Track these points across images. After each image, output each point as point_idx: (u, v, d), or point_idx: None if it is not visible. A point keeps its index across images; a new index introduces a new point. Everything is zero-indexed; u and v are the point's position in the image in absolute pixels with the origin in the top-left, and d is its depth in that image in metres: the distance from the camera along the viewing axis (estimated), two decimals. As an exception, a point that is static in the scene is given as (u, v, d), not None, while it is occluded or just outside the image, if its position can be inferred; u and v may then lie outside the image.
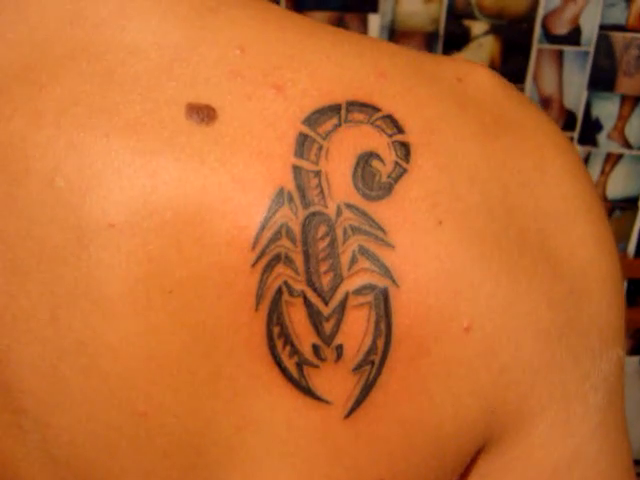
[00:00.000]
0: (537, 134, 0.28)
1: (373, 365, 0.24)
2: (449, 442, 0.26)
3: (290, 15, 0.28)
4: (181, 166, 0.24)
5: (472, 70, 0.28)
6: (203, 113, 0.24)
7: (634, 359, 1.51)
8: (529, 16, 1.19)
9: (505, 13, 1.19)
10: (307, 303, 0.24)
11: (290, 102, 0.25)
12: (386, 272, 0.24)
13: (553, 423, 0.27)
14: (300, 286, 0.24)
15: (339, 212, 0.24)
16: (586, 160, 1.29)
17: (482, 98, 0.27)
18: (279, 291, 0.24)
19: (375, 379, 0.25)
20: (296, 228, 0.24)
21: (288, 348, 0.24)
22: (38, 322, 0.25)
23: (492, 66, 1.22)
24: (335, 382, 0.25)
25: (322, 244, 0.24)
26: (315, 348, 0.24)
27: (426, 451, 0.26)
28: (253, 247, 0.24)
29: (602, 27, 1.21)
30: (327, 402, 0.25)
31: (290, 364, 0.24)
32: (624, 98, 1.25)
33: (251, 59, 0.25)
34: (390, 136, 0.25)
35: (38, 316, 0.25)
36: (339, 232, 0.24)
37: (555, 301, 0.26)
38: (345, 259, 0.24)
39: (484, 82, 0.28)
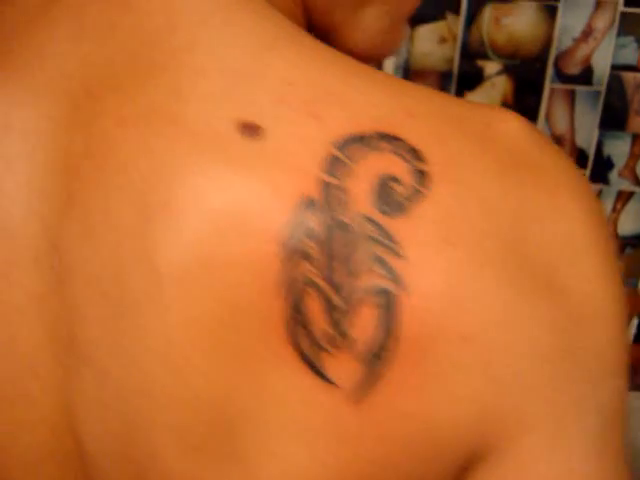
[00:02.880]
0: (557, 178, 0.30)
1: (380, 359, 0.27)
2: (445, 441, 0.28)
3: (334, 54, 0.32)
4: (230, 172, 0.28)
5: (503, 117, 0.31)
6: (252, 130, 0.29)
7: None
8: (541, 56, 1.21)
9: (518, 53, 1.21)
10: (325, 296, 0.28)
11: (325, 128, 0.29)
12: (396, 279, 0.27)
13: (546, 439, 0.28)
14: (320, 281, 0.28)
15: (358, 223, 0.28)
16: (598, 197, 1.30)
17: (506, 141, 0.30)
18: (301, 283, 0.28)
19: (381, 371, 0.28)
20: (320, 232, 0.28)
21: (306, 333, 0.28)
22: (105, 283, 0.30)
23: (505, 105, 1.23)
24: (345, 370, 0.28)
25: (342, 248, 0.27)
26: (328, 335, 0.28)
27: (423, 445, 0.28)
28: (282, 243, 0.28)
29: (613, 67, 1.22)
30: (337, 386, 0.28)
31: (305, 346, 0.28)
32: (635, 137, 1.26)
33: (296, 91, 0.29)
34: (412, 165, 0.28)
35: (105, 278, 0.30)
36: (357, 240, 0.27)
37: (556, 327, 0.28)
38: (361, 263, 0.27)
39: (512, 128, 0.30)
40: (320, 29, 0.41)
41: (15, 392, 0.32)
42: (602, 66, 1.21)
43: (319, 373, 0.28)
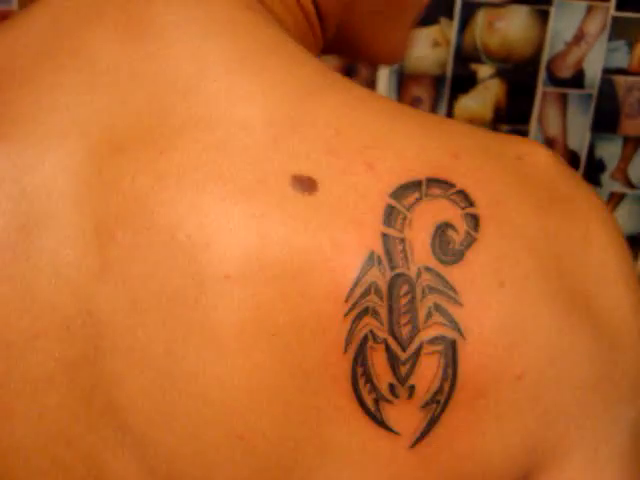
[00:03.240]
0: (585, 208, 0.31)
1: (439, 404, 0.28)
2: (495, 473, 0.30)
3: (377, 99, 0.32)
4: (288, 229, 0.28)
5: (531, 150, 0.31)
6: (305, 184, 0.28)
7: None
8: (534, 60, 1.23)
9: (511, 57, 1.23)
10: (388, 349, 0.28)
11: (379, 177, 0.28)
12: (455, 326, 0.28)
13: (583, 461, 0.30)
14: (383, 334, 0.28)
15: (419, 274, 0.28)
16: (590, 199, 1.32)
17: (538, 175, 0.31)
18: (365, 338, 0.28)
19: (439, 416, 0.28)
20: (383, 286, 0.28)
21: (368, 386, 0.28)
22: (153, 353, 0.29)
23: (498, 107, 1.25)
24: (405, 416, 0.28)
25: (404, 300, 0.28)
26: (391, 387, 0.28)
27: (476, 479, 0.30)
28: (346, 300, 0.28)
29: (605, 71, 1.24)
30: (397, 433, 0.29)
31: (369, 399, 0.28)
32: (627, 139, 1.28)
33: (345, 139, 0.29)
34: (463, 209, 0.29)
35: (153, 348, 0.29)
36: (418, 291, 0.28)
37: (594, 356, 0.29)
38: (422, 313, 0.28)
39: (541, 161, 0.31)
40: (344, 43, 0.42)
41: (47, 461, 0.31)
42: (594, 69, 1.23)
43: (380, 422, 0.28)
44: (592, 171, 1.30)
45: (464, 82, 1.24)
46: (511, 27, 1.20)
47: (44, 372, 0.30)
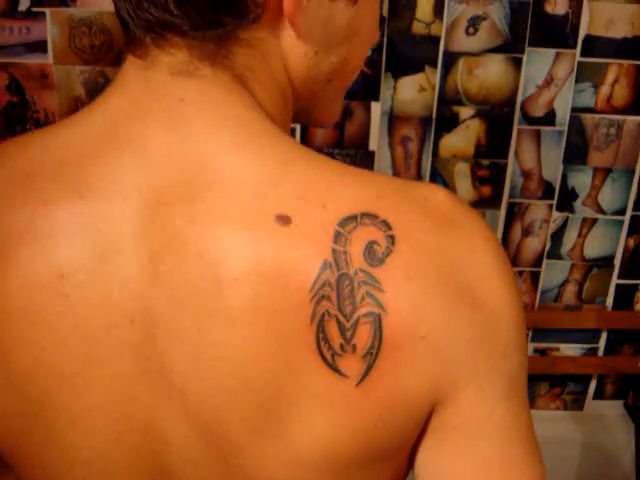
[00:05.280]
0: (471, 229, 0.44)
1: (372, 355, 0.41)
2: (413, 403, 0.43)
3: (331, 163, 0.45)
4: (274, 249, 0.41)
5: (434, 191, 0.45)
6: (284, 220, 0.42)
7: (618, 402, 1.63)
8: (510, 101, 1.33)
9: (489, 99, 1.33)
10: (338, 321, 0.41)
11: (330, 214, 0.42)
12: (380, 305, 0.41)
13: (473, 393, 0.43)
14: (334, 312, 0.41)
15: (355, 273, 0.41)
16: (564, 224, 1.43)
17: (438, 209, 0.44)
18: (323, 314, 0.41)
19: (373, 363, 0.41)
20: (333, 282, 0.41)
21: (327, 345, 0.41)
22: (188, 331, 0.42)
23: (479, 144, 1.35)
24: (351, 365, 0.41)
25: (346, 290, 0.41)
26: (341, 346, 0.41)
27: (403, 407, 0.43)
28: (310, 291, 0.41)
29: (574, 109, 1.35)
30: (347, 376, 0.41)
31: (327, 354, 0.41)
32: (596, 170, 1.39)
33: (308, 190, 0.42)
34: (384, 232, 0.42)
35: (188, 327, 0.42)
36: (355, 284, 0.41)
37: (476, 324, 0.43)
38: (358, 298, 0.41)
39: (440, 199, 0.44)
40: (301, 110, 0.54)
41: (118, 412, 0.44)
42: (563, 109, 1.35)
43: (335, 369, 0.41)
44: (565, 199, 1.41)
45: (448, 122, 1.33)
46: (488, 73, 1.31)
47: (117, 351, 0.43)
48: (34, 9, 1.26)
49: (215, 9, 0.43)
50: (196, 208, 0.42)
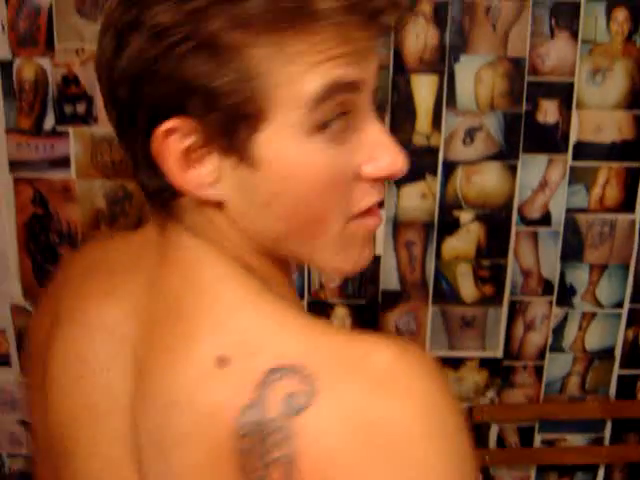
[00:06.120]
0: (405, 391, 0.44)
1: None
2: None
3: (278, 313, 0.51)
4: (211, 388, 0.48)
5: (377, 349, 0.46)
6: (222, 362, 0.48)
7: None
8: (507, 205, 1.40)
9: (487, 204, 1.39)
10: (254, 460, 0.45)
11: (261, 362, 0.47)
12: (290, 455, 0.44)
13: None
14: (252, 451, 0.45)
15: (273, 420, 0.45)
16: (565, 319, 1.48)
17: (375, 367, 0.45)
18: (243, 451, 0.45)
19: None
20: (253, 424, 0.45)
21: None
22: (151, 429, 0.52)
23: (479, 246, 1.41)
24: None
25: (264, 434, 0.45)
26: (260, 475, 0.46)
27: None
28: (234, 429, 0.46)
29: (568, 210, 1.41)
30: None
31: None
32: (592, 266, 1.44)
33: (248, 338, 0.49)
34: (306, 386, 0.45)
35: (151, 425, 0.52)
36: (272, 429, 0.45)
37: (393, 466, 0.43)
38: (273, 443, 0.44)
39: (382, 359, 0.46)
40: (306, 258, 0.57)
41: (110, 432, 0.56)
42: (558, 210, 1.41)
43: None
44: (564, 295, 1.46)
45: (449, 226, 1.40)
46: (486, 180, 1.38)
47: (117, 427, 0.56)
48: (58, 128, 1.35)
49: (153, 188, 0.53)
50: (166, 336, 0.52)
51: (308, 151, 0.49)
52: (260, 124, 0.48)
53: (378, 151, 0.53)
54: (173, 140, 0.49)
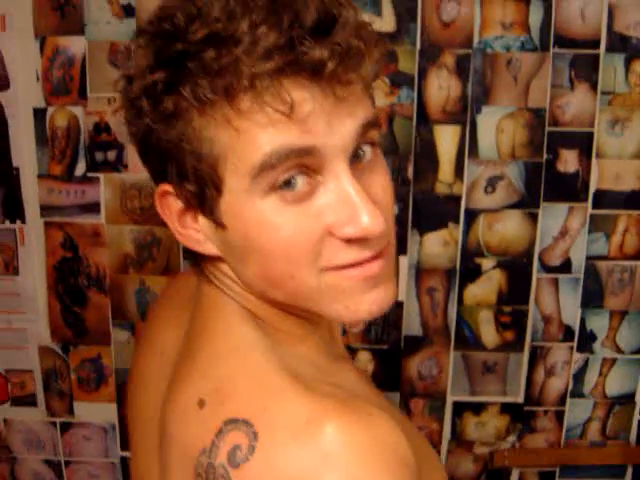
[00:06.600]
0: (333, 447, 0.48)
1: None
2: None
3: (255, 365, 0.56)
4: (188, 423, 0.56)
5: (321, 420, 0.49)
6: (201, 404, 0.54)
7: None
8: (528, 253, 1.41)
9: (508, 251, 1.41)
10: None
11: (223, 411, 0.52)
12: None
13: None
14: None
15: (219, 466, 0.50)
16: (585, 365, 1.49)
17: (312, 434, 0.48)
18: None
19: None
20: (205, 464, 0.52)
21: None
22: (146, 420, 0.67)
23: (500, 293, 1.43)
24: None
25: (211, 476, 0.51)
26: None
27: None
28: (196, 462, 0.53)
29: (588, 258, 1.42)
30: None
31: None
32: (612, 313, 1.46)
33: (222, 386, 0.55)
34: (251, 441, 0.49)
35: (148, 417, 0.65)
36: (217, 474, 0.50)
37: None
38: None
39: (324, 430, 0.48)
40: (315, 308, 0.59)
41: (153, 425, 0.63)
42: (579, 257, 1.43)
43: None
44: (585, 341, 1.47)
45: (471, 273, 1.42)
46: (507, 227, 1.40)
47: (152, 442, 0.63)
48: (89, 174, 1.39)
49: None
50: (182, 366, 0.60)
51: (265, 211, 0.51)
52: (222, 188, 0.52)
53: (345, 213, 0.52)
54: (172, 200, 0.56)
